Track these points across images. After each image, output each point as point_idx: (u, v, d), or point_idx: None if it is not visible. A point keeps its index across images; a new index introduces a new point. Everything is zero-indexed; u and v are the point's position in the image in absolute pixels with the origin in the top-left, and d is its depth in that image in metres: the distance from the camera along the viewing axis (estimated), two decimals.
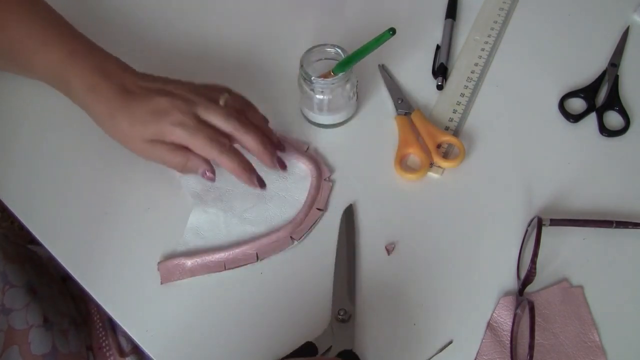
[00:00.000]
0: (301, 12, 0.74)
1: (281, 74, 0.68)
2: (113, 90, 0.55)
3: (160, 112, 0.54)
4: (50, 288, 0.62)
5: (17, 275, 0.58)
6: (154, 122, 0.53)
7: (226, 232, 0.58)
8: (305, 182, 0.60)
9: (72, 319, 0.62)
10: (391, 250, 0.57)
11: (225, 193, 0.60)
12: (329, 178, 0.61)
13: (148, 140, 0.54)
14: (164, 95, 0.55)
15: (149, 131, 0.54)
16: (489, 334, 0.53)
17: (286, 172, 0.61)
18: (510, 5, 0.74)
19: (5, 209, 0.60)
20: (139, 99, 0.55)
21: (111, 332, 0.64)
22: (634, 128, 0.64)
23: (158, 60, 0.70)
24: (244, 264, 0.56)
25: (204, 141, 0.53)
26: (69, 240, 0.58)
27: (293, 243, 0.57)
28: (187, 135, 0.53)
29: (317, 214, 0.59)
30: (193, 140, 0.53)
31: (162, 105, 0.54)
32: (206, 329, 0.53)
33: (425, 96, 0.67)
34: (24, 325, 0.55)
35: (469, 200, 0.60)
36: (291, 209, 0.59)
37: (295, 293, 0.55)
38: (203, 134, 0.54)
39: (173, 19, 0.74)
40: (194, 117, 0.54)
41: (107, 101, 0.55)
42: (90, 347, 0.63)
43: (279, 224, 0.58)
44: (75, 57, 0.57)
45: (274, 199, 0.60)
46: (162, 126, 0.53)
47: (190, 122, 0.53)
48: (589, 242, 0.57)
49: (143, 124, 0.54)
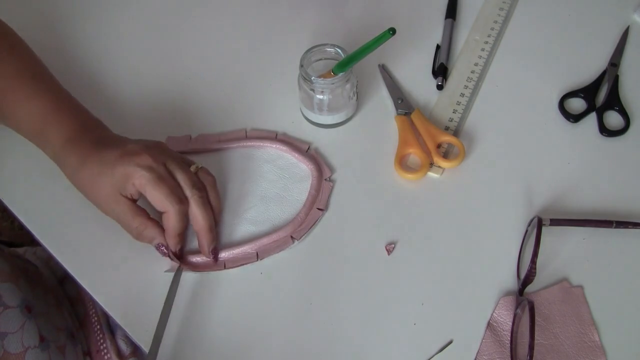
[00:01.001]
0: (301, 12, 0.74)
1: (281, 74, 0.68)
2: (89, 141, 0.55)
3: (130, 153, 0.53)
4: (46, 301, 0.62)
5: (12, 294, 0.57)
6: (122, 163, 0.52)
7: (228, 232, 0.58)
8: (305, 183, 0.60)
9: (69, 331, 0.62)
10: (391, 250, 0.57)
11: (227, 193, 0.60)
12: (330, 178, 0.61)
13: (114, 192, 0.53)
14: (137, 143, 0.55)
15: (117, 173, 0.52)
16: (489, 334, 0.53)
17: (286, 173, 0.61)
18: (510, 5, 0.74)
19: (5, 209, 0.60)
20: (113, 146, 0.54)
21: (109, 335, 0.64)
22: (634, 128, 0.64)
23: (157, 60, 0.70)
24: (244, 263, 0.56)
25: (165, 191, 0.52)
26: (69, 240, 0.58)
27: (293, 243, 0.57)
28: (149, 180, 0.52)
29: (318, 214, 0.59)
30: (153, 186, 0.52)
31: (133, 148, 0.54)
32: (207, 329, 0.53)
33: (425, 96, 0.67)
34: (20, 348, 0.55)
35: (469, 200, 0.60)
36: (292, 208, 0.59)
37: (294, 292, 0.55)
38: (167, 183, 0.53)
39: (173, 18, 0.74)
40: (162, 166, 0.53)
41: (80, 151, 0.55)
42: (88, 351, 0.63)
43: (280, 224, 0.58)
44: (58, 114, 0.57)
45: (275, 199, 0.60)
46: (129, 168, 0.52)
47: (157, 168, 0.53)
48: (589, 242, 0.57)
49: (111, 166, 0.53)
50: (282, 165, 0.62)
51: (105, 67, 0.69)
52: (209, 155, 0.63)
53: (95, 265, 0.56)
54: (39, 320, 0.58)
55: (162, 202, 0.53)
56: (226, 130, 0.64)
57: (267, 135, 0.64)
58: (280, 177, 0.61)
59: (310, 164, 0.61)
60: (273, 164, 0.62)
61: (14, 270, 0.60)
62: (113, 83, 0.68)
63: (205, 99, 0.67)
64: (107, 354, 0.63)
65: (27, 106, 0.57)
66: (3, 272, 0.58)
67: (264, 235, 0.57)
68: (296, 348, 0.52)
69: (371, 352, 0.52)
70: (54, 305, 0.63)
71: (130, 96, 0.67)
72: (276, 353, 0.52)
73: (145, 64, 0.69)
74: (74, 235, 0.58)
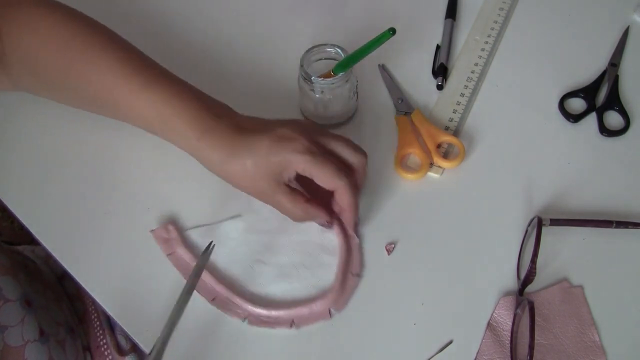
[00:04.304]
0: (301, 12, 0.74)
1: (281, 74, 0.68)
2: (229, 130, 0.52)
3: (284, 139, 0.51)
4: (46, 296, 0.62)
5: (12, 288, 0.58)
6: (277, 152, 0.50)
7: (258, 282, 0.55)
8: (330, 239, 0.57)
9: (68, 326, 0.62)
10: (391, 250, 0.57)
11: (265, 241, 0.58)
12: (357, 234, 0.57)
13: (270, 181, 0.51)
14: (284, 126, 0.52)
15: (273, 163, 0.50)
16: (489, 334, 0.53)
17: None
18: (510, 5, 0.74)
19: (5, 209, 0.60)
20: (259, 133, 0.52)
21: (109, 331, 0.64)
22: (634, 128, 0.64)
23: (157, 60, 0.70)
24: (274, 327, 0.53)
25: (331, 170, 0.50)
26: (68, 240, 0.58)
27: (331, 316, 0.54)
28: (313, 163, 0.50)
29: (355, 281, 0.55)
30: (319, 168, 0.50)
31: (285, 133, 0.51)
32: (206, 329, 0.53)
33: (425, 96, 0.67)
34: (20, 341, 0.55)
35: (469, 200, 0.60)
36: (324, 271, 0.56)
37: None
38: (331, 162, 0.51)
39: (173, 18, 0.74)
40: (319, 145, 0.52)
41: (223, 142, 0.52)
42: (88, 347, 0.63)
43: (314, 292, 0.55)
44: (182, 101, 0.54)
45: (306, 258, 0.56)
46: (286, 154, 0.50)
47: (315, 149, 0.51)
48: (589, 242, 0.57)
49: (266, 156, 0.50)
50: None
51: None
52: None
53: (94, 264, 0.56)
54: (38, 314, 0.58)
55: (332, 180, 0.51)
56: None
57: None
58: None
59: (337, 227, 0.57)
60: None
61: (14, 265, 0.60)
62: None
63: None
64: (107, 350, 0.63)
65: (141, 98, 0.54)
66: (3, 266, 0.59)
67: (299, 304, 0.54)
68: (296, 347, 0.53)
69: (371, 352, 0.52)
70: (54, 300, 0.63)
71: None
72: (274, 347, 0.52)
73: None
74: (74, 235, 0.58)
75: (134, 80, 0.54)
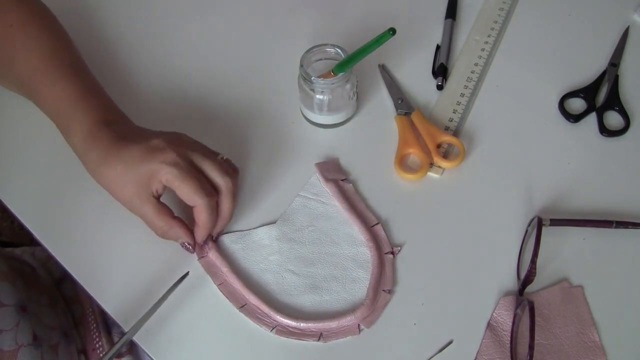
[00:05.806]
0: (301, 12, 0.74)
1: (281, 74, 0.68)
2: (111, 137, 0.54)
3: (154, 149, 0.52)
4: (40, 302, 0.62)
5: (9, 293, 0.58)
6: (146, 160, 0.51)
7: (288, 292, 0.55)
8: (364, 254, 0.57)
9: (63, 330, 0.62)
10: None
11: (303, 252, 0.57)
12: (392, 251, 0.57)
13: (138, 190, 0.52)
14: (160, 137, 0.53)
15: (141, 173, 0.51)
16: (489, 334, 0.53)
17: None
18: (510, 5, 0.74)
19: (5, 209, 0.60)
20: (134, 142, 0.53)
21: (105, 334, 0.64)
22: (634, 128, 0.64)
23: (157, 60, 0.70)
24: (301, 339, 0.52)
25: (193, 186, 0.51)
26: (68, 240, 0.58)
27: (360, 331, 0.53)
28: (177, 176, 0.51)
29: (386, 298, 0.54)
30: (181, 182, 0.51)
31: (157, 144, 0.52)
32: (207, 328, 0.53)
33: (425, 96, 0.67)
34: (13, 345, 0.55)
35: (468, 200, 0.60)
36: (356, 285, 0.55)
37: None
38: (195, 178, 0.52)
39: (172, 18, 0.74)
40: (188, 160, 0.52)
41: (101, 147, 0.53)
42: (83, 350, 0.63)
43: (344, 306, 0.54)
44: (85, 102, 0.56)
45: (338, 271, 0.56)
46: (154, 165, 0.51)
47: (183, 163, 0.52)
48: (589, 242, 0.57)
49: (135, 164, 0.52)
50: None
51: (105, 69, 0.69)
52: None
53: (94, 265, 0.56)
54: (33, 319, 0.58)
55: (191, 196, 0.52)
56: (226, 131, 0.64)
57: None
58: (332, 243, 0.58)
59: (369, 237, 0.57)
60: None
61: (11, 271, 0.60)
62: (112, 82, 0.68)
63: (205, 98, 0.67)
64: (103, 352, 0.63)
65: (54, 89, 0.56)
66: (1, 272, 0.59)
67: (328, 318, 0.53)
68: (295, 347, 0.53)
69: (371, 352, 0.52)
70: (48, 305, 0.63)
71: (129, 97, 0.67)
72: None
73: (144, 64, 0.69)
74: (74, 235, 0.58)
75: (56, 72, 0.57)
